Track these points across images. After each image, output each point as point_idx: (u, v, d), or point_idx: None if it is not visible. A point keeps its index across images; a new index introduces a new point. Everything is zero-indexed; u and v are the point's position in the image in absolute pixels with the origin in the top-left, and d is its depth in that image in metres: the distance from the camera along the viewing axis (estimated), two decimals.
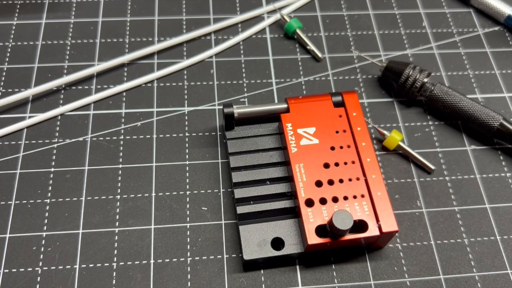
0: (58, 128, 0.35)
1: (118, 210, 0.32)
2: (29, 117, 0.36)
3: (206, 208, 0.33)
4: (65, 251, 0.31)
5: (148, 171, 0.34)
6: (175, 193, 0.33)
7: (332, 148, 0.32)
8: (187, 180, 0.34)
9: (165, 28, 0.41)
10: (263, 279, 0.30)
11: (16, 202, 0.32)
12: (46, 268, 0.30)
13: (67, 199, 0.33)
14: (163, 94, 0.37)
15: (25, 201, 0.32)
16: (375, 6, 0.44)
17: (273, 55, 0.40)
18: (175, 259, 0.31)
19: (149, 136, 0.35)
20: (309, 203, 0.30)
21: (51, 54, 0.39)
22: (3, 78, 0.37)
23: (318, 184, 0.30)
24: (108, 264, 0.30)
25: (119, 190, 0.33)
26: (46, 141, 0.35)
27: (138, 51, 0.39)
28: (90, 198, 0.33)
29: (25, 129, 0.35)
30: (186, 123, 0.36)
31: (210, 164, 0.34)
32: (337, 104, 0.33)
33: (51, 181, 0.33)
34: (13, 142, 0.35)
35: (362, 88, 0.39)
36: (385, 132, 0.35)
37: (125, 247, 0.31)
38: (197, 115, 0.37)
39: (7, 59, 0.38)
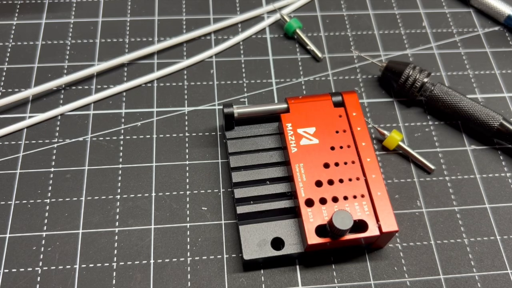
0: (58, 128, 0.35)
1: (118, 210, 0.32)
2: (29, 117, 0.36)
3: (206, 208, 0.33)
4: (65, 251, 0.31)
5: (148, 171, 0.34)
6: (175, 193, 0.33)
7: (332, 148, 0.32)
8: (187, 180, 0.34)
9: (165, 28, 0.41)
10: (263, 279, 0.30)
11: (16, 202, 0.32)
12: (46, 268, 0.30)
13: (67, 199, 0.33)
14: (163, 94, 0.37)
15: (25, 201, 0.32)
16: (375, 6, 0.44)
17: (273, 55, 0.40)
18: (175, 259, 0.31)
19: (149, 136, 0.35)
20: (309, 203, 0.30)
21: (51, 54, 0.39)
22: (3, 78, 0.37)
23: (318, 184, 0.30)
24: (108, 264, 0.30)
25: (119, 190, 0.33)
26: (46, 141, 0.35)
27: (138, 51, 0.39)
28: (90, 198, 0.33)
29: (25, 129, 0.35)
30: (186, 123, 0.36)
31: (210, 164, 0.34)
32: (337, 104, 0.33)
33: (51, 181, 0.33)
34: (13, 142, 0.35)
35: (362, 88, 0.39)
36: (385, 132, 0.35)
37: (125, 247, 0.31)
38: (197, 115, 0.37)
39: (7, 59, 0.38)
